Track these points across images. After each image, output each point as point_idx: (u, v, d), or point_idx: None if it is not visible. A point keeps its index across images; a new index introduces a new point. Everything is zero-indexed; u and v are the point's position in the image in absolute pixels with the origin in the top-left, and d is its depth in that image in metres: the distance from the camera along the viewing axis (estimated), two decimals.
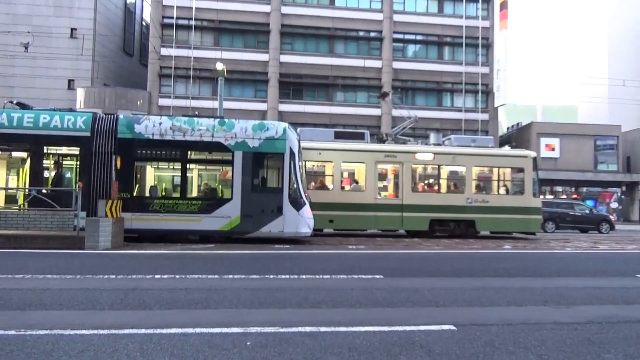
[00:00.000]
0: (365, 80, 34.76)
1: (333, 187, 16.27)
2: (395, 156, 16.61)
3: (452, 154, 16.92)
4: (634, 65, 51.95)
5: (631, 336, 4.51)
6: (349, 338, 4.26)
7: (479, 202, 16.78)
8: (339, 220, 16.00)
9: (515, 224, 17.07)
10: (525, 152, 18.09)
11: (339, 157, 16.24)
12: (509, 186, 17.62)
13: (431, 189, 17.13)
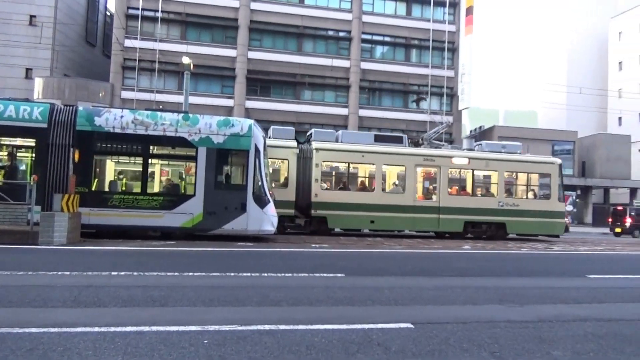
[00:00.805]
0: (333, 79, 34.87)
1: (375, 188, 16.71)
2: (433, 160, 17.25)
3: (486, 159, 17.70)
4: (591, 73, 54.05)
5: (579, 334, 4.69)
6: (308, 336, 4.26)
7: (509, 205, 17.56)
8: (380, 221, 16.50)
9: (542, 227, 17.89)
10: (552, 159, 19.03)
11: (380, 160, 16.72)
12: (537, 191, 18.40)
13: (465, 192, 17.72)
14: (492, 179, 18.09)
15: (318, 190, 16.03)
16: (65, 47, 33.40)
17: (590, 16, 55.44)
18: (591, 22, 55.33)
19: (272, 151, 15.44)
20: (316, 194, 15.97)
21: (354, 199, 16.33)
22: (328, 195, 16.20)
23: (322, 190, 16.15)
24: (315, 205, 15.97)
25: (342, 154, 16.56)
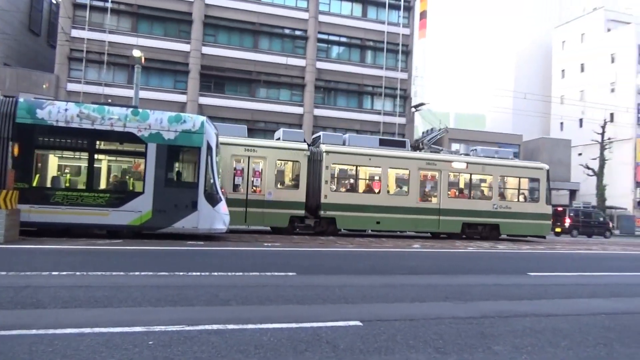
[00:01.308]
0: (288, 77, 34.79)
1: (380, 191, 17.31)
2: (435, 164, 18.09)
3: (482, 164, 18.79)
4: (536, 80, 56.54)
5: (519, 329, 4.89)
6: (256, 335, 4.23)
7: (502, 208, 18.72)
8: (385, 221, 17.23)
9: (531, 228, 19.18)
10: (541, 165, 20.17)
11: (386, 163, 17.44)
12: (527, 194, 19.51)
13: (463, 195, 18.66)
14: (488, 183, 19.14)
15: (327, 192, 16.61)
16: (6, 35, 31.64)
17: (537, 25, 57.98)
18: (537, 31, 57.87)
19: (283, 153, 16.24)
20: (325, 195, 16.53)
21: (361, 201, 17.04)
22: (337, 197, 16.78)
23: (331, 192, 16.73)
24: (325, 207, 16.52)
25: (350, 157, 17.20)
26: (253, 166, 15.95)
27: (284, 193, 16.22)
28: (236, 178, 15.85)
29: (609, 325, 5.22)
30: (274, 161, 16.23)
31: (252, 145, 16.07)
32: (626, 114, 45.25)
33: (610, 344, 4.50)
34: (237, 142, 15.92)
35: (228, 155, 15.51)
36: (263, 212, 15.94)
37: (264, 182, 16.01)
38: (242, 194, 15.83)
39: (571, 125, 50.15)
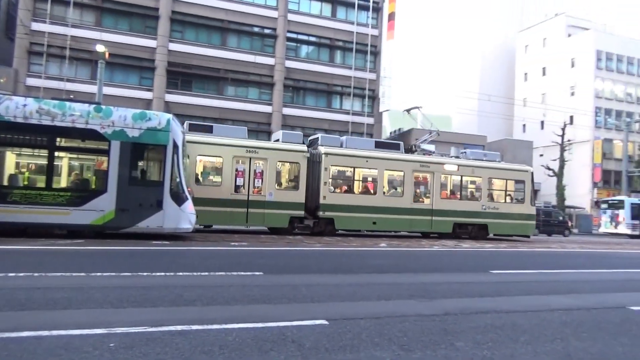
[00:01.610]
0: (257, 76, 34.60)
1: (376, 192, 17.75)
2: (428, 166, 18.61)
3: (472, 167, 19.42)
4: (500, 83, 58.00)
5: (481, 325, 5.01)
6: (221, 335, 4.19)
7: (491, 208, 19.42)
8: (381, 222, 17.67)
9: (517, 228, 19.99)
10: (526, 167, 21.15)
11: (382, 165, 17.83)
12: (513, 195, 20.22)
13: (454, 196, 19.23)
14: (477, 185, 19.71)
15: (326, 193, 16.89)
16: None
17: (501, 29, 59.48)
18: (501, 35, 59.37)
19: (284, 154, 16.56)
20: (324, 196, 16.81)
21: (358, 202, 17.42)
22: (335, 198, 17.09)
23: (329, 193, 17.00)
24: (324, 207, 16.80)
25: (348, 158, 17.53)
26: (254, 167, 16.14)
27: (284, 194, 16.49)
28: (238, 179, 15.95)
29: (566, 321, 5.41)
30: (275, 162, 16.45)
31: (253, 147, 16.28)
32: (585, 117, 46.94)
33: (567, 338, 4.66)
34: (239, 144, 16.10)
35: (230, 156, 15.72)
36: (264, 212, 16.13)
37: (265, 183, 16.21)
38: (244, 195, 15.99)
39: (533, 127, 51.68)
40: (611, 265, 12.08)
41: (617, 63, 49.10)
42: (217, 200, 15.51)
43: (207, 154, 15.93)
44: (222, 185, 15.74)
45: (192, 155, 15.00)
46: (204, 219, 15.41)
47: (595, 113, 47.84)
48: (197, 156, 15.54)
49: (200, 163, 15.99)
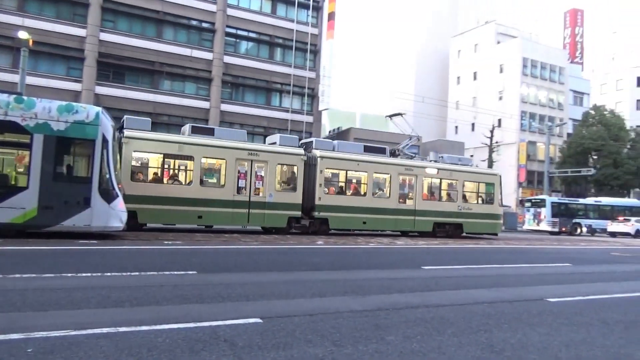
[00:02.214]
0: (194, 70, 33.76)
1: (366, 194, 18.68)
2: (412, 170, 19.77)
3: (450, 170, 20.72)
4: (435, 85, 60.13)
5: (411, 319, 5.17)
6: (150, 337, 4.06)
7: (465, 209, 20.82)
8: (370, 222, 18.65)
9: (487, 227, 21.51)
10: (495, 171, 23.23)
11: (372, 168, 18.82)
12: (484, 197, 21.72)
13: (434, 198, 20.43)
14: (454, 187, 20.98)
15: (321, 194, 17.67)
16: None
17: (436, 34, 61.64)
18: (436, 39, 61.53)
19: (283, 157, 17.23)
20: (319, 197, 17.58)
21: (350, 203, 18.37)
22: (329, 199, 17.91)
23: (324, 195, 17.79)
24: (319, 208, 17.58)
25: (341, 162, 18.37)
26: (255, 170, 16.66)
27: (283, 195, 17.12)
28: (240, 181, 16.43)
29: (490, 313, 5.70)
30: (275, 165, 17.05)
31: (255, 150, 16.91)
32: (511, 120, 49.63)
33: (490, 329, 4.92)
34: (242, 147, 16.65)
35: (233, 159, 16.26)
36: (264, 213, 16.72)
37: (266, 185, 16.77)
38: (246, 196, 16.47)
39: (465, 128, 54.00)
40: (532, 260, 12.87)
41: (541, 70, 52.26)
42: (220, 201, 15.98)
43: (212, 156, 16.34)
44: (225, 187, 16.16)
45: (197, 157, 15.68)
46: (208, 220, 16.06)
47: (520, 117, 50.68)
48: (201, 158, 15.93)
49: (205, 165, 16.35)
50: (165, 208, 15.09)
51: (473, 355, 4.06)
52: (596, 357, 4.19)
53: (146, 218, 15.01)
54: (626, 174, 43.35)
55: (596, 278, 9.82)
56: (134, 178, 14.92)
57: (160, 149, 15.42)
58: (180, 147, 15.60)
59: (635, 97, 59.59)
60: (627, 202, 40.83)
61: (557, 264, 12.20)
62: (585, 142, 44.40)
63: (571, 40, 60.40)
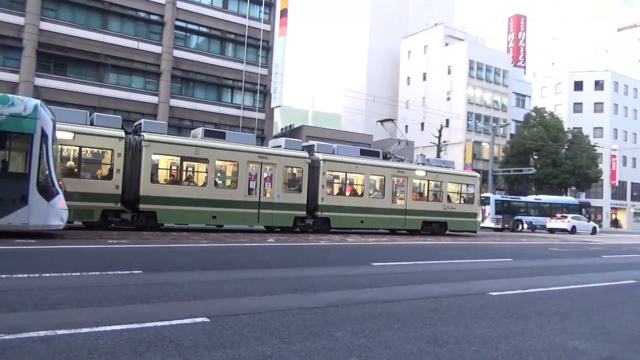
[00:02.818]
0: (142, 64, 32.71)
1: (363, 194, 19.75)
2: (403, 172, 21.06)
3: (436, 172, 22.19)
4: (386, 85, 61.11)
5: (359, 315, 5.24)
6: (91, 339, 3.91)
7: (449, 208, 22.38)
8: (367, 221, 19.81)
9: (467, 225, 23.25)
10: (475, 174, 24.99)
11: (368, 171, 20.00)
12: (465, 197, 23.43)
13: (423, 198, 21.94)
14: (439, 188, 22.50)
15: (324, 195, 18.72)
16: None
17: (388, 34, 62.65)
18: (388, 40, 62.54)
19: (290, 160, 18.24)
20: (322, 198, 18.64)
21: (349, 203, 19.50)
22: (331, 200, 18.98)
23: (326, 195, 18.82)
24: (321, 208, 18.63)
25: (342, 164, 19.47)
26: (265, 172, 17.50)
27: (289, 196, 18.03)
28: (251, 182, 17.19)
29: (435, 307, 5.87)
30: (282, 167, 17.94)
31: (265, 153, 17.83)
32: (458, 121, 51.23)
33: (435, 324, 5.06)
34: (253, 150, 17.50)
35: (244, 162, 17.00)
36: (273, 213, 17.58)
37: (274, 186, 17.59)
38: (256, 197, 17.25)
39: (415, 128, 55.23)
40: (476, 256, 13.35)
41: (486, 73, 54.17)
42: (233, 201, 16.70)
43: (225, 159, 17.00)
44: (238, 188, 16.83)
45: (211, 159, 16.36)
46: (222, 220, 16.78)
47: (467, 117, 52.40)
48: (216, 161, 16.60)
49: (219, 167, 17.10)
50: (182, 209, 15.70)
51: (418, 348, 4.16)
52: (533, 347, 4.40)
53: (165, 218, 15.53)
54: (564, 173, 45.69)
55: (535, 272, 10.31)
56: (153, 180, 15.41)
57: (177, 152, 16.00)
58: (196, 150, 16.17)
59: (573, 101, 62.95)
60: (565, 199, 43.09)
61: (499, 259, 12.71)
62: (527, 142, 46.45)
63: (514, 44, 62.95)
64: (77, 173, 14.27)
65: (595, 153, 49.33)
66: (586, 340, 4.74)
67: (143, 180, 14.92)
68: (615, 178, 60.35)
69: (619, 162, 60.92)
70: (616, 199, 62.43)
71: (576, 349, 4.44)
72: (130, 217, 15.11)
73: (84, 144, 14.28)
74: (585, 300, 7.01)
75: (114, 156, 14.52)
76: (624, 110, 63.75)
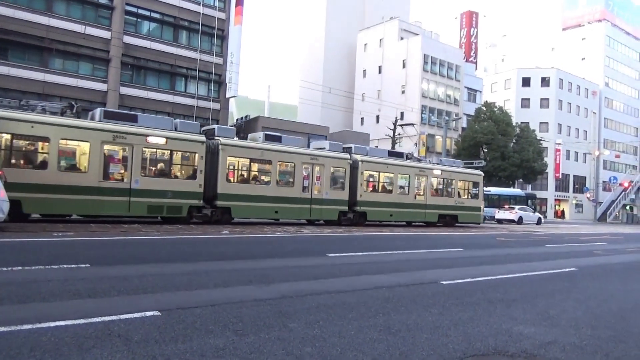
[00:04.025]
0: (90, 50, 31.34)
1: (392, 191, 22.66)
2: (424, 171, 24.07)
3: (450, 171, 25.24)
4: (342, 77, 61.34)
5: (314, 306, 5.26)
6: (33, 336, 3.74)
7: (460, 203, 25.37)
8: (395, 214, 22.69)
9: (473, 217, 26.44)
10: (479, 172, 28.16)
11: (397, 170, 22.78)
12: (472, 193, 26.54)
13: (438, 194, 24.87)
14: (452, 185, 25.48)
15: (362, 192, 21.10)
16: None
17: (344, 26, 62.76)
18: (345, 32, 62.67)
19: (336, 162, 20.58)
20: (360, 194, 21.00)
21: (381, 199, 22.05)
22: (367, 196, 21.36)
23: (364, 192, 21.23)
24: (360, 203, 20.99)
25: (376, 165, 22.13)
26: (316, 172, 19.72)
27: (335, 193, 20.30)
28: (304, 181, 19.41)
29: (388, 297, 5.97)
30: (329, 168, 20.17)
31: (316, 155, 19.97)
32: (413, 114, 52.10)
33: (388, 313, 5.14)
34: (306, 152, 19.87)
35: (300, 163, 19.23)
36: (322, 208, 19.80)
37: (323, 185, 19.85)
38: (308, 194, 19.40)
39: (370, 120, 55.79)
40: (429, 246, 13.68)
41: (440, 67, 55.22)
42: (291, 198, 18.87)
43: (285, 160, 18.98)
44: (295, 186, 19.04)
45: (274, 161, 18.49)
46: (282, 214, 18.90)
47: (421, 111, 53.37)
48: (277, 162, 18.65)
49: (280, 168, 18.98)
50: (251, 204, 17.72)
51: (371, 337, 4.22)
52: (481, 333, 4.55)
53: (238, 213, 17.73)
54: (512, 166, 47.36)
55: (483, 261, 10.67)
56: (227, 179, 17.31)
57: (247, 154, 18.00)
58: (262, 153, 18.21)
59: (521, 96, 65.26)
60: (512, 191, 44.76)
61: (451, 249, 13.07)
62: (477, 136, 47.77)
63: (467, 40, 64.46)
64: (169, 174, 16.09)
65: (541, 147, 51.33)
66: (531, 326, 4.95)
67: (220, 180, 16.85)
68: (559, 171, 63.18)
69: (562, 156, 63.78)
70: (559, 191, 65.45)
71: (521, 333, 4.62)
72: (210, 212, 16.82)
73: (174, 147, 16.02)
74: (530, 288, 7.32)
75: (197, 159, 16.36)
76: (568, 106, 66.69)
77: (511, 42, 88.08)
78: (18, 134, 13.29)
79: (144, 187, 15.01)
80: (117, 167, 14.93)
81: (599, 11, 76.23)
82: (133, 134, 14.91)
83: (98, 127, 14.41)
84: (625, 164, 76.57)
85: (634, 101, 79.97)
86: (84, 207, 14.28)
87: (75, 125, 14.18)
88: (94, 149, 14.18)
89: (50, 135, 13.61)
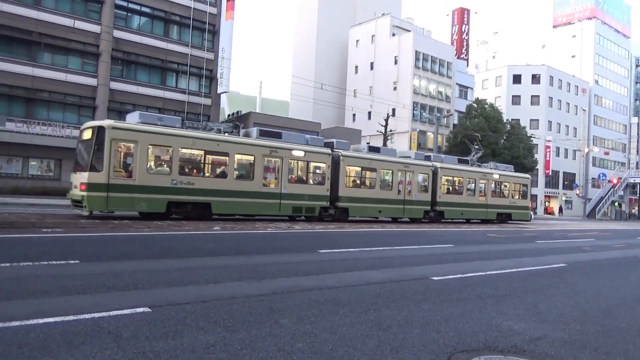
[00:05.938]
0: (80, 44, 31.06)
1: (462, 193, 25.81)
2: (485, 175, 27.12)
3: (505, 175, 28.71)
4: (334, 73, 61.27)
5: (305, 302, 5.26)
6: (22, 333, 3.70)
7: (513, 202, 28.60)
8: (466, 213, 25.99)
9: (523, 215, 29.90)
10: (527, 175, 31.36)
11: (468, 175, 26.12)
12: (521, 194, 29.65)
13: (496, 195, 27.88)
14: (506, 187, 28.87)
15: (441, 194, 24.33)
16: None
17: (336, 23, 62.64)
18: (336, 28, 62.57)
19: (420, 168, 23.74)
20: (440, 196, 24.20)
21: (454, 199, 25.24)
22: (445, 197, 24.65)
23: (442, 194, 24.48)
24: (440, 204, 24.36)
25: (451, 171, 25.30)
26: (408, 178, 22.90)
27: (421, 195, 23.58)
28: (399, 185, 22.52)
29: (379, 292, 5.98)
30: (417, 174, 23.48)
31: (407, 163, 23.05)
32: (404, 110, 52.19)
33: (379, 308, 5.16)
34: (400, 161, 23.05)
35: (397, 170, 22.54)
36: (412, 208, 23.24)
37: (413, 188, 23.08)
38: (402, 196, 22.64)
39: (362, 116, 55.77)
40: (420, 242, 13.73)
41: (431, 64, 55.30)
42: (390, 199, 22.21)
43: (385, 168, 22.35)
44: (392, 190, 22.34)
45: (378, 169, 22.01)
46: (384, 214, 22.51)
47: (413, 107, 53.46)
48: (381, 170, 22.11)
49: (382, 174, 22.25)
50: (363, 205, 21.18)
51: (362, 333, 4.23)
52: (471, 329, 4.57)
53: (354, 213, 20.97)
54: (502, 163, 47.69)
55: (474, 257, 10.73)
56: (345, 185, 20.52)
57: (359, 164, 21.40)
58: (370, 162, 21.64)
59: (512, 93, 65.58)
60: None
61: (441, 245, 13.13)
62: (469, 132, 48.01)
63: (458, 37, 64.57)
64: (306, 180, 19.39)
65: (532, 144, 51.64)
66: (520, 321, 4.99)
67: (341, 185, 20.15)
68: (549, 167, 63.66)
69: (552, 153, 64.26)
70: (549, 188, 65.98)
71: (511, 329, 4.66)
72: (333, 212, 20.09)
73: (309, 159, 19.43)
74: (520, 283, 7.37)
75: (325, 168, 19.86)
76: (558, 103, 67.13)
77: (502, 39, 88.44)
78: (209, 150, 16.69)
79: (290, 191, 18.52)
80: (272, 175, 18.42)
81: (589, 9, 76.71)
82: (282, 148, 18.39)
83: (259, 144, 17.89)
84: (614, 161, 77.36)
85: (623, 99, 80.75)
86: (251, 208, 17.74)
87: (246, 143, 17.82)
88: (257, 161, 17.70)
89: (230, 150, 17.15)
